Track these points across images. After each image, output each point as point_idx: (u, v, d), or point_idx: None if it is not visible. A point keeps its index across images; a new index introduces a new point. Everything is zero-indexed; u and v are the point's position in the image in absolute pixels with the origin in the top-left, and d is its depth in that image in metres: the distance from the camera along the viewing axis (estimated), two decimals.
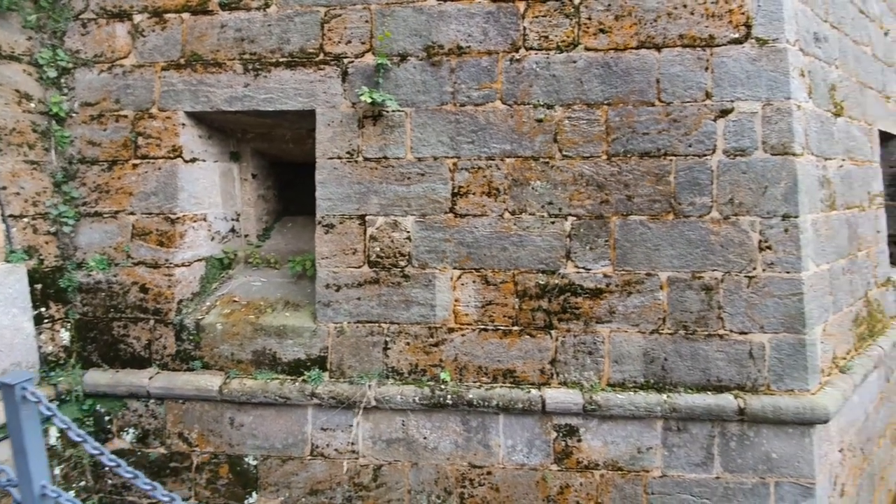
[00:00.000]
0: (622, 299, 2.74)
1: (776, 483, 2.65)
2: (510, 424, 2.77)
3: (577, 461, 2.73)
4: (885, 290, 3.97)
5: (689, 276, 2.71)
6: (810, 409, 2.57)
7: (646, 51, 2.74)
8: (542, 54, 2.79)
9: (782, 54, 2.68)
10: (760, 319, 2.67)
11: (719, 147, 2.71)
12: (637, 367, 2.74)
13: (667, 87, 2.73)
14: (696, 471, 2.69)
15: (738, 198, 2.69)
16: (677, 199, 2.72)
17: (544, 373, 2.78)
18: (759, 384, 2.67)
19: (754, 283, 2.68)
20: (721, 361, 2.70)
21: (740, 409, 2.61)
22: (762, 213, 2.67)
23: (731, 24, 2.70)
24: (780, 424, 2.64)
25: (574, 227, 2.77)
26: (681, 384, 2.71)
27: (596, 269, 2.76)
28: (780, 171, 2.67)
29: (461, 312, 2.82)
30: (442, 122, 2.84)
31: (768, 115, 2.68)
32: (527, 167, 2.80)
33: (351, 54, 2.91)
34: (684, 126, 2.72)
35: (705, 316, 2.71)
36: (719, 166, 2.70)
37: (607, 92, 2.76)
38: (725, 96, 2.70)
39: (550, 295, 2.77)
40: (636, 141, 2.74)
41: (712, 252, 2.70)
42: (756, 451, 2.66)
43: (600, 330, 2.75)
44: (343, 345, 2.88)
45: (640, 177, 2.74)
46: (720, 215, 2.70)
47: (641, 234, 2.74)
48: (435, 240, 2.83)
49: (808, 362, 2.65)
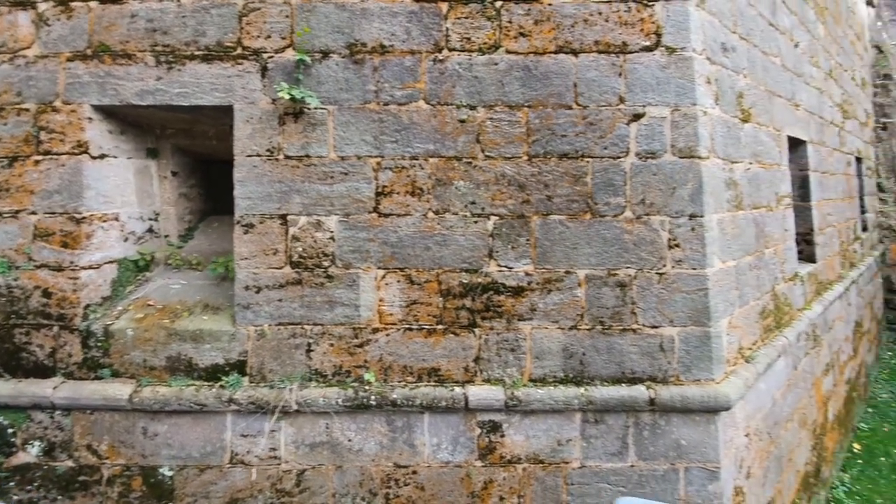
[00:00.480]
0: (543, 297, 2.81)
1: (685, 468, 2.80)
2: (435, 423, 2.78)
3: (500, 456, 2.78)
4: (792, 284, 4.28)
5: (605, 274, 2.82)
6: (714, 397, 2.73)
7: (564, 55, 2.82)
8: (464, 55, 2.82)
9: (689, 62, 2.83)
10: (670, 314, 2.81)
11: (632, 150, 2.83)
12: (557, 363, 2.82)
13: (584, 91, 2.82)
14: (613, 460, 2.80)
15: (650, 198, 2.82)
16: (594, 199, 2.82)
17: (468, 370, 2.81)
18: (670, 375, 2.81)
19: (664, 279, 2.81)
20: (635, 354, 2.82)
21: (651, 399, 2.74)
22: (671, 213, 2.82)
23: (643, 32, 2.83)
24: (689, 413, 2.78)
25: (496, 226, 2.82)
26: (598, 377, 2.81)
27: (518, 267, 2.82)
28: (687, 174, 2.82)
29: (386, 312, 2.80)
30: (365, 121, 2.82)
31: (676, 120, 2.82)
32: (450, 167, 2.82)
33: (271, 49, 2.83)
34: (600, 129, 2.82)
35: (620, 311, 2.82)
36: (632, 168, 2.82)
37: (528, 94, 2.82)
38: (637, 101, 2.83)
39: (474, 294, 2.81)
40: (555, 143, 2.82)
41: (626, 250, 2.82)
42: (667, 438, 2.80)
43: (522, 327, 2.81)
44: (264, 348, 2.80)
45: (559, 177, 2.82)
46: (633, 215, 2.82)
47: (561, 234, 2.82)
48: (359, 240, 2.81)
49: (713, 353, 2.82)
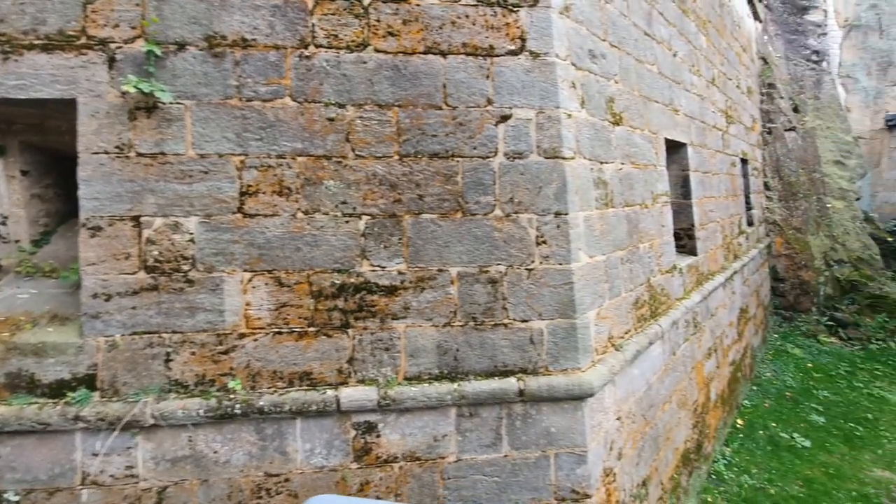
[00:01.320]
0: (416, 295, 2.83)
1: (555, 455, 2.93)
2: (308, 428, 2.73)
3: (376, 457, 2.77)
4: (670, 276, 4.61)
5: (476, 271, 2.89)
6: (578, 385, 2.88)
7: (433, 56, 2.86)
8: (332, 53, 2.78)
9: (552, 67, 2.96)
10: (539, 308, 2.93)
11: (500, 150, 2.91)
12: (432, 360, 2.85)
13: (453, 92, 2.87)
14: (487, 451, 2.87)
15: (518, 197, 2.92)
16: (465, 198, 2.88)
17: (342, 372, 2.77)
18: (539, 366, 2.93)
19: (533, 274, 2.93)
20: (506, 348, 2.91)
21: (521, 390, 2.84)
22: (538, 211, 2.93)
23: (509, 36, 2.92)
24: (557, 401, 2.92)
25: (368, 226, 2.80)
26: (472, 372, 2.88)
27: (391, 266, 2.82)
28: (552, 173, 2.95)
29: (253, 316, 2.70)
30: (227, 118, 2.70)
31: (541, 121, 2.94)
32: (319, 166, 2.77)
33: (119, 39, 2.64)
34: (469, 129, 2.88)
35: (492, 307, 2.90)
36: (501, 168, 2.91)
37: (398, 94, 2.83)
38: (505, 103, 2.92)
39: (347, 294, 2.78)
40: (426, 142, 2.85)
41: (496, 248, 2.90)
42: (538, 427, 2.91)
43: (396, 326, 2.82)
44: (116, 360, 2.61)
45: (430, 177, 2.85)
46: (503, 213, 2.91)
47: (433, 232, 2.85)
48: (222, 241, 2.69)
49: (579, 344, 2.97)
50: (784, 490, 5.08)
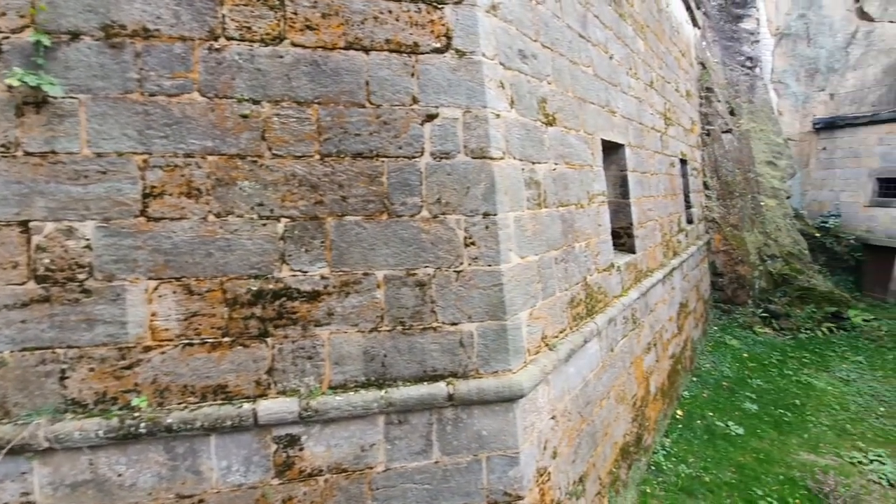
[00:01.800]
0: (341, 300, 2.73)
1: (487, 458, 2.90)
2: (223, 444, 2.57)
3: (299, 471, 2.65)
4: (608, 274, 4.70)
5: (404, 274, 2.81)
6: (509, 387, 2.86)
7: (354, 52, 2.76)
8: (245, 45, 2.63)
9: (479, 66, 2.92)
10: (468, 310, 2.89)
11: (427, 150, 2.85)
12: (358, 367, 2.75)
13: (376, 89, 2.78)
14: (418, 459, 2.81)
15: (445, 198, 2.87)
16: (390, 199, 2.80)
17: (261, 384, 2.63)
18: (470, 369, 2.89)
19: (462, 276, 2.88)
20: (436, 352, 2.85)
21: (450, 395, 2.79)
22: (466, 212, 2.89)
23: (434, 34, 2.86)
24: (488, 404, 2.89)
25: (288, 228, 2.67)
26: (400, 378, 2.80)
27: (313, 271, 2.70)
28: (480, 174, 2.91)
29: (160, 328, 2.52)
30: (127, 113, 2.50)
31: (468, 121, 2.90)
32: (233, 166, 2.61)
33: (6, 29, 2.40)
34: (394, 129, 2.80)
35: (420, 310, 2.83)
36: (427, 168, 2.85)
37: (317, 90, 2.71)
38: (430, 102, 2.86)
39: (265, 301, 2.63)
40: (349, 141, 2.75)
41: (424, 249, 2.84)
42: (469, 431, 2.87)
43: (320, 333, 2.70)
44: (6, 378, 2.37)
45: (353, 177, 2.75)
46: (430, 214, 2.85)
47: (357, 235, 2.76)
48: (123, 247, 2.49)
49: (510, 345, 2.95)
50: (718, 477, 5.30)
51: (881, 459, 5.76)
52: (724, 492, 5.05)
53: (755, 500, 4.94)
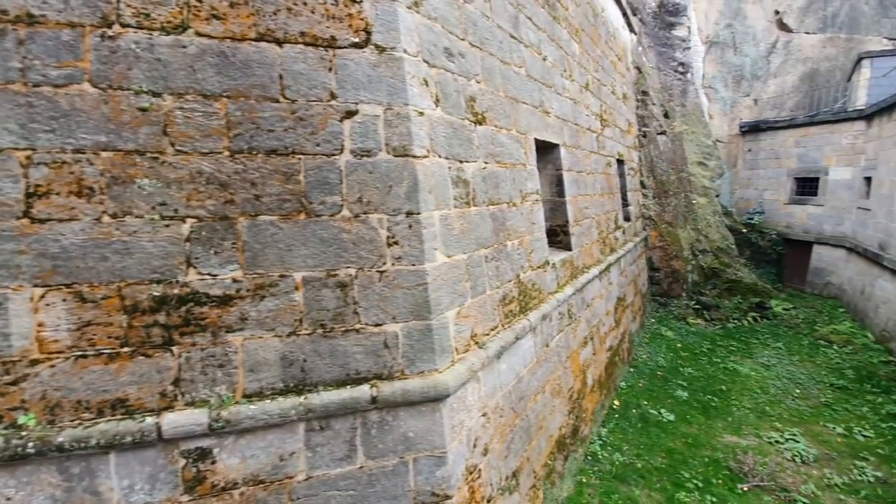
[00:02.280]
0: (255, 304, 2.61)
1: (414, 459, 2.86)
2: (125, 462, 2.39)
3: (212, 485, 2.50)
4: (542, 271, 4.79)
5: (324, 275, 2.72)
6: (434, 387, 2.84)
7: (266, 44, 2.64)
8: (143, 34, 2.45)
9: (400, 63, 2.88)
10: (392, 310, 2.84)
11: (347, 147, 2.77)
12: (275, 373, 2.64)
13: (290, 84, 2.67)
14: (341, 465, 2.73)
15: (367, 196, 2.80)
16: (308, 198, 2.70)
17: (166, 395, 2.47)
18: (395, 371, 2.84)
19: (385, 276, 2.83)
20: (359, 354, 2.79)
21: (374, 398, 2.73)
22: (389, 211, 2.84)
23: (352, 28, 2.79)
24: (414, 405, 2.85)
25: (194, 229, 2.52)
26: (321, 383, 2.71)
27: (224, 274, 2.56)
28: (402, 172, 2.87)
29: (48, 339, 2.30)
30: (8, 105, 2.27)
31: (390, 118, 2.85)
32: (130, 163, 2.43)
33: None
34: (311, 125, 2.71)
35: (342, 312, 2.76)
36: (347, 166, 2.77)
37: (226, 83, 2.57)
38: (350, 98, 2.78)
39: (169, 307, 2.47)
40: (262, 137, 2.63)
41: (345, 250, 2.76)
42: (395, 433, 2.83)
43: (232, 339, 2.57)
44: None
45: (268, 175, 2.64)
46: (351, 213, 2.77)
47: (273, 235, 2.64)
48: (4, 252, 2.25)
49: (436, 345, 2.93)
50: (650, 463, 5.54)
51: (795, 438, 6.23)
52: (655, 477, 5.29)
53: (682, 482, 5.20)
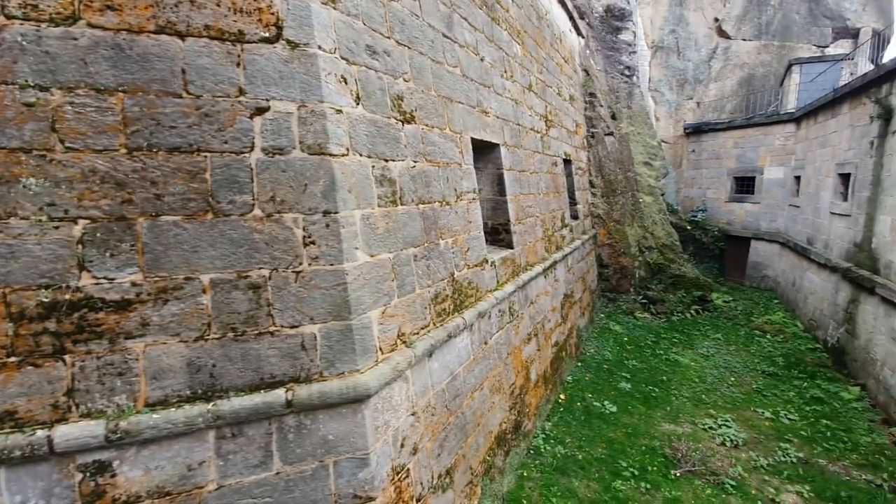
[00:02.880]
0: (158, 308, 2.50)
1: (335, 462, 2.82)
2: (16, 478, 2.24)
3: (112, 499, 2.38)
4: (480, 269, 4.83)
5: (234, 277, 2.64)
6: (353, 388, 2.80)
7: (167, 37, 2.53)
8: (30, 25, 2.30)
9: (314, 59, 2.83)
10: (310, 311, 2.79)
11: (258, 145, 2.70)
12: (181, 380, 2.54)
13: (194, 78, 2.58)
14: (256, 472, 2.65)
15: (280, 195, 2.74)
16: (215, 197, 2.61)
17: (59, 407, 2.33)
18: (313, 373, 2.79)
19: (301, 277, 2.77)
20: (274, 358, 2.72)
21: (288, 401, 2.67)
22: (304, 210, 2.78)
23: (262, 22, 2.72)
24: (334, 407, 2.81)
25: (88, 231, 2.39)
26: (233, 388, 2.63)
27: (121, 277, 2.44)
28: (319, 170, 2.82)
29: None
30: None
31: (304, 116, 2.79)
32: (14, 161, 2.28)
33: None
34: (218, 122, 2.62)
35: (255, 315, 2.68)
36: (259, 164, 2.70)
37: (122, 77, 2.45)
38: (260, 94, 2.71)
39: (60, 313, 2.33)
40: (163, 134, 2.52)
41: (258, 250, 2.69)
42: (314, 437, 2.77)
43: (132, 346, 2.45)
44: None
45: (170, 174, 2.53)
46: (263, 213, 2.70)
47: (176, 236, 2.54)
48: None
49: (357, 345, 2.89)
50: (590, 454, 5.69)
51: (728, 424, 6.55)
52: (594, 467, 5.44)
53: (620, 471, 5.37)
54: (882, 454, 5.83)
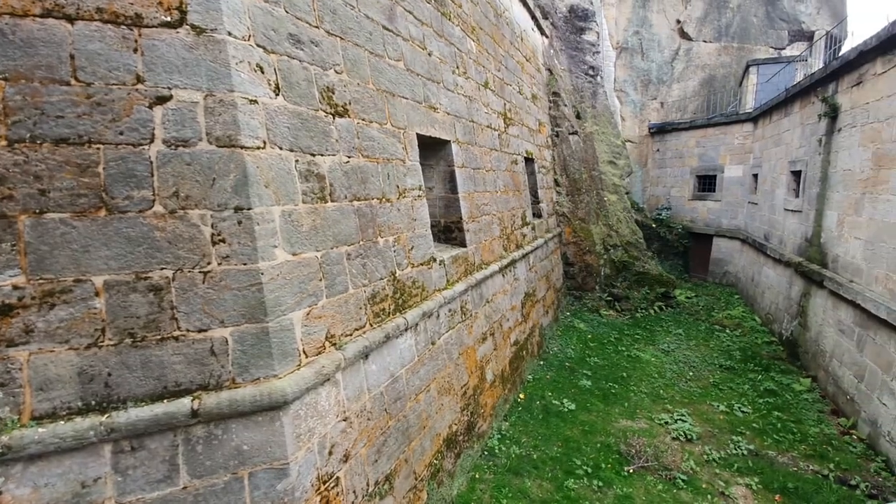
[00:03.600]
0: (43, 314, 2.30)
1: (250, 474, 2.66)
2: None
3: None
4: (427, 268, 4.72)
5: (132, 278, 2.46)
6: (268, 394, 2.65)
7: (54, 21, 2.34)
8: None
9: (222, 45, 2.67)
10: (220, 314, 2.62)
11: (159, 136, 2.53)
12: (72, 391, 2.34)
13: (85, 65, 2.39)
14: (160, 487, 2.48)
15: (185, 190, 2.57)
16: (110, 192, 2.42)
17: None
18: (224, 380, 2.62)
19: (210, 277, 2.61)
20: (179, 365, 2.54)
21: (194, 411, 2.50)
22: (213, 206, 2.62)
23: (162, 6, 2.54)
24: (248, 415, 2.65)
25: None
26: (132, 398, 2.45)
27: (1, 280, 2.23)
28: (229, 164, 2.66)
29: None
30: None
31: (211, 105, 2.63)
32: None
33: None
34: (112, 111, 2.43)
35: (156, 319, 2.50)
36: (160, 157, 2.52)
37: (3, 64, 2.25)
38: (161, 82, 2.53)
39: None
40: (48, 125, 2.32)
41: (159, 249, 2.51)
42: (226, 448, 2.61)
43: (15, 354, 2.25)
44: None
45: (57, 167, 2.33)
46: (165, 209, 2.53)
47: (64, 235, 2.34)
48: None
49: (274, 349, 2.74)
50: (545, 453, 5.64)
51: (683, 418, 6.60)
52: (549, 466, 5.38)
53: (574, 469, 5.33)
54: (829, 444, 5.96)
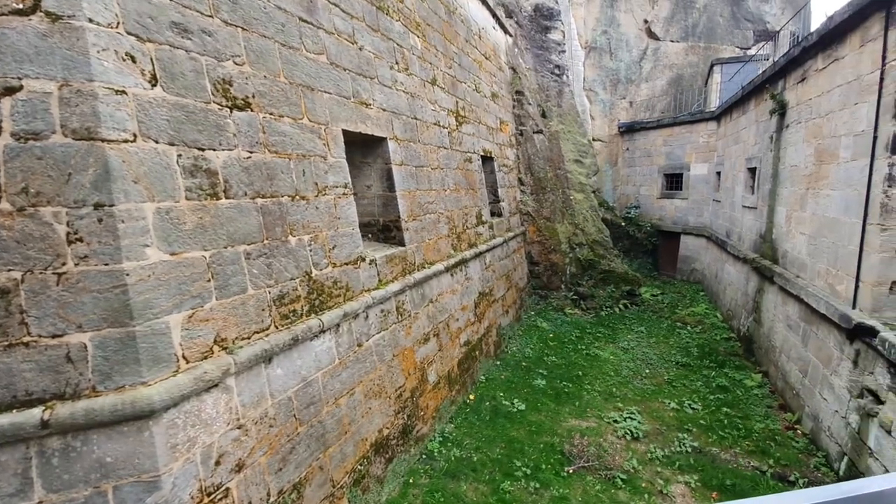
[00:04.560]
0: None
1: (115, 487, 2.50)
2: None
3: None
4: (353, 267, 4.58)
5: None
6: (130, 403, 2.49)
7: None
8: None
9: (80, 33, 2.51)
10: (78, 318, 2.46)
11: (6, 129, 2.36)
12: None
13: None
14: (12, 502, 2.31)
15: (36, 186, 2.40)
16: None
17: None
18: (83, 388, 2.46)
19: (66, 279, 2.44)
20: (30, 372, 2.38)
21: (45, 422, 2.34)
22: (69, 203, 2.46)
23: None
24: (112, 425, 2.49)
25: None
26: None
27: None
28: (87, 158, 2.50)
29: None
30: None
31: (67, 96, 2.47)
32: None
33: None
34: None
35: (4, 324, 2.34)
36: (7, 151, 2.36)
37: None
38: (10, 72, 2.37)
39: None
40: None
41: (6, 250, 2.35)
42: (86, 460, 2.45)
43: None
44: None
45: None
46: (13, 207, 2.36)
47: None
48: None
49: (143, 354, 2.58)
50: (487, 455, 5.53)
51: (633, 416, 6.54)
52: (488, 469, 5.27)
53: (513, 471, 5.23)
54: (773, 440, 5.95)
